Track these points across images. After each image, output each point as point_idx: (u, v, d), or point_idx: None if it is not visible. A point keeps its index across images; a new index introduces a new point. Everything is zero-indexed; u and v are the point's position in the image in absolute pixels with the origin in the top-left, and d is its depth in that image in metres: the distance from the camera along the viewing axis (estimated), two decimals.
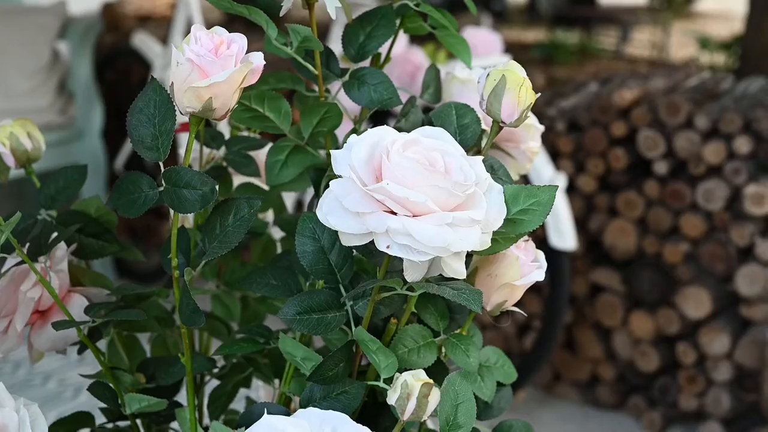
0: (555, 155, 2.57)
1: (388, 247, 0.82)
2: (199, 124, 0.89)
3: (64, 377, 2.44)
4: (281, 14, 0.97)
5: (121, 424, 1.08)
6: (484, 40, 2.48)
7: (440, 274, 0.88)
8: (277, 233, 1.21)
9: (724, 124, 2.31)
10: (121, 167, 3.33)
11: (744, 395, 2.40)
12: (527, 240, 0.96)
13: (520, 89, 0.91)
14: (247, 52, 0.87)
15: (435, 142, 0.86)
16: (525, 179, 2.38)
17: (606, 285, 2.56)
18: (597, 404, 2.65)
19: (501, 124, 0.93)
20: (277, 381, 1.08)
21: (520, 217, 0.90)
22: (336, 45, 1.08)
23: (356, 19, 1.04)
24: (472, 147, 1.06)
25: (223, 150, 1.13)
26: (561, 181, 2.33)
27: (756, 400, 2.36)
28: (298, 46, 0.97)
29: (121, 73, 3.65)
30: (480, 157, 0.88)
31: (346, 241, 0.84)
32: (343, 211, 0.83)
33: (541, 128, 1.11)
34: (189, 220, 1.18)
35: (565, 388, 2.70)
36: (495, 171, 0.97)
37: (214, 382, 1.13)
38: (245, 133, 1.19)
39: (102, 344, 1.11)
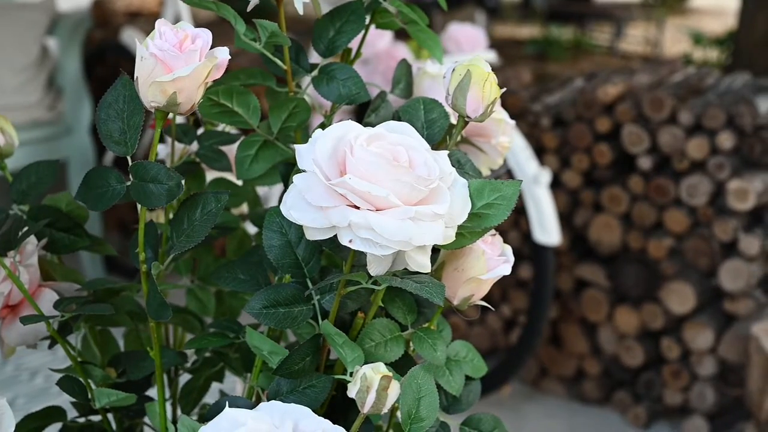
0: (540, 151, 2.58)
1: (350, 241, 0.82)
2: (165, 119, 0.89)
3: (51, 373, 2.44)
4: (248, 9, 0.97)
5: (94, 418, 1.09)
6: (468, 36, 2.49)
7: (405, 268, 0.88)
8: (252, 228, 1.22)
9: (707, 119, 2.32)
10: (110, 163, 3.33)
11: (728, 390, 2.41)
12: (494, 234, 0.96)
13: (484, 84, 0.91)
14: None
15: (399, 137, 0.86)
16: (509, 174, 2.38)
17: (591, 280, 2.56)
18: (583, 399, 2.66)
19: (466, 119, 0.94)
20: (249, 375, 1.08)
21: (485, 212, 0.90)
22: None
23: (326, 15, 1.05)
24: (442, 142, 1.06)
25: (195, 145, 1.13)
26: (545, 176, 2.33)
27: (740, 395, 2.37)
28: (267, 42, 0.98)
29: (110, 69, 3.65)
30: (445, 152, 0.88)
31: (310, 236, 0.84)
32: (307, 206, 0.83)
33: (512, 123, 1.11)
34: (162, 214, 1.19)
35: (552, 383, 2.71)
36: (462, 165, 0.98)
37: (189, 377, 1.14)
38: (221, 128, 1.19)
39: (79, 340, 1.11)
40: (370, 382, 0.78)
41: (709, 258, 2.36)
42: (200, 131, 1.16)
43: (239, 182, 1.18)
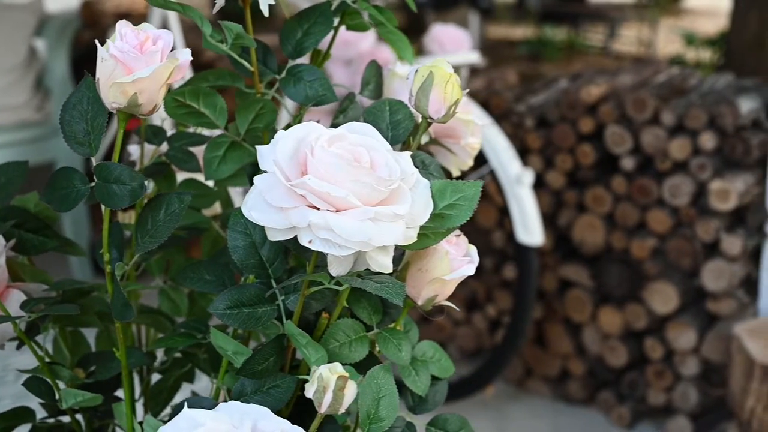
0: (524, 151, 2.58)
1: (310, 242, 0.82)
2: (128, 120, 0.90)
3: None
4: (214, 11, 0.98)
5: (64, 419, 1.09)
6: (452, 37, 2.49)
7: (368, 269, 0.88)
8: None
9: (689, 119, 2.32)
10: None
11: (711, 390, 2.41)
12: (459, 235, 0.97)
13: (446, 85, 0.91)
14: None
15: (361, 138, 0.87)
16: (492, 175, 2.39)
17: (575, 280, 2.57)
18: (568, 399, 2.66)
19: (429, 120, 0.94)
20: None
21: (448, 212, 0.91)
22: None
23: (294, 17, 1.05)
24: (409, 142, 1.07)
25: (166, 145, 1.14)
26: (528, 177, 2.34)
27: (723, 394, 2.37)
28: (233, 43, 0.98)
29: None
30: (408, 153, 0.89)
31: (271, 236, 0.85)
32: (267, 206, 0.83)
33: (482, 124, 1.12)
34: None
35: (537, 383, 2.71)
36: (426, 166, 0.98)
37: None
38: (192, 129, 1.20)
39: (50, 340, 1.11)
40: (326, 382, 0.78)
41: (691, 258, 2.36)
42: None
43: (210, 183, 1.18)
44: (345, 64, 2.38)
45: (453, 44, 2.49)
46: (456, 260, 0.95)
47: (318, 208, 0.82)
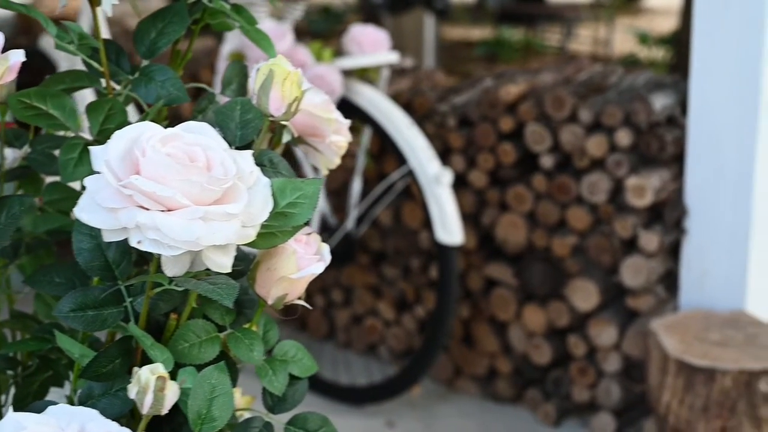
0: (446, 151, 2.58)
1: (139, 242, 0.82)
2: None
3: None
4: (58, 11, 0.97)
5: None
6: (370, 38, 2.49)
7: (208, 269, 0.88)
8: None
9: (605, 117, 2.33)
10: None
11: (633, 386, 2.43)
12: (309, 233, 0.97)
13: (284, 83, 0.91)
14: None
15: (196, 137, 0.87)
16: (411, 175, 2.39)
17: (499, 279, 2.57)
18: (496, 398, 2.66)
19: (270, 118, 0.94)
20: None
21: (290, 211, 0.91)
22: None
23: (148, 16, 1.04)
24: (278, 143, 1.06)
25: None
26: (446, 176, 2.34)
27: (644, 390, 2.38)
28: (80, 44, 0.97)
29: (33, 75, 3.61)
30: (248, 152, 0.89)
31: (105, 238, 0.84)
32: (97, 207, 0.83)
33: (346, 123, 1.12)
34: None
35: (466, 382, 2.71)
36: (275, 165, 0.98)
37: None
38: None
39: None
40: (145, 383, 0.78)
41: (610, 255, 2.37)
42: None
43: (77, 185, 1.17)
44: None
45: (372, 45, 2.49)
46: (303, 259, 0.95)
47: (148, 209, 0.82)
